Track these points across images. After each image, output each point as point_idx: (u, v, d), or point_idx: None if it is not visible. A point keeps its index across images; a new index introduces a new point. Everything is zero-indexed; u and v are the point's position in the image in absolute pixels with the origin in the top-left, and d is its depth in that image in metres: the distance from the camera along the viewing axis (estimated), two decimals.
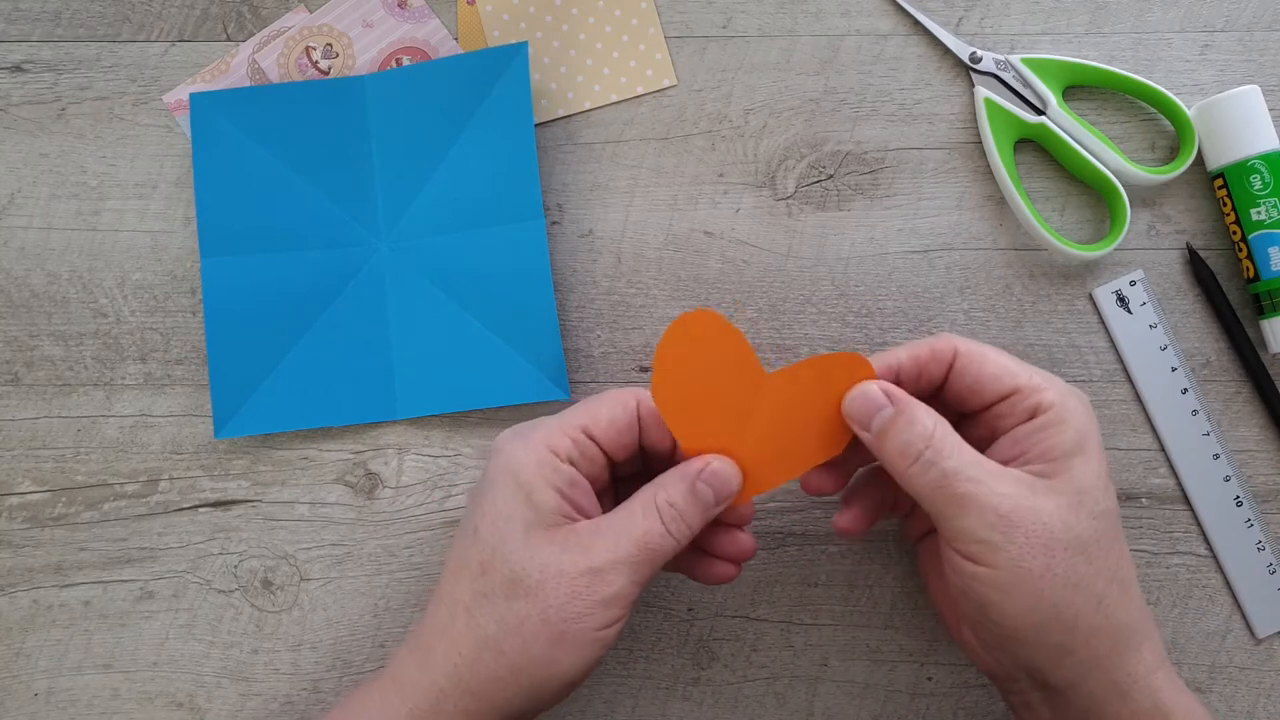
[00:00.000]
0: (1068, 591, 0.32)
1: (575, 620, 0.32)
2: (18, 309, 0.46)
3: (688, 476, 0.34)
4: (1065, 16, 0.47)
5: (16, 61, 0.48)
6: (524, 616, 0.33)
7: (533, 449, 0.34)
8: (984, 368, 0.35)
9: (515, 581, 0.33)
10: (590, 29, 0.48)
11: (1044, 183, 0.46)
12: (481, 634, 0.33)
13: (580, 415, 0.35)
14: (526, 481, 0.34)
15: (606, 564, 0.33)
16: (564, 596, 0.32)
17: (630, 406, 0.36)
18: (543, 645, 0.33)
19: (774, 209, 0.46)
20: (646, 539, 0.33)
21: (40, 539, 0.45)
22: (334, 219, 0.46)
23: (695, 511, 0.34)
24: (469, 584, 0.34)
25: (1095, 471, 0.33)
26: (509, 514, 0.34)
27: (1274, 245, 0.43)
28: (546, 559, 0.33)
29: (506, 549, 0.33)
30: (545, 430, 0.35)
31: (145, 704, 0.44)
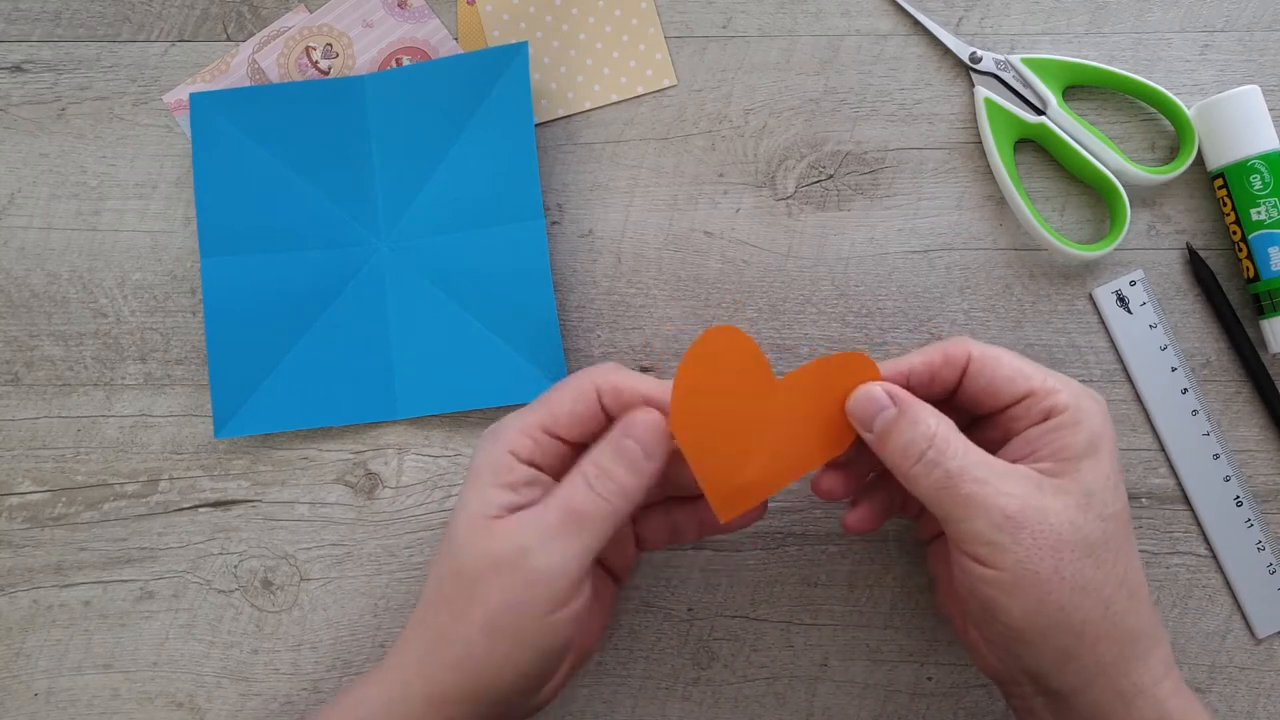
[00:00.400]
0: (1075, 595, 0.31)
1: (508, 610, 0.32)
2: (18, 309, 0.46)
3: (611, 436, 0.34)
4: (1065, 16, 0.47)
5: (16, 61, 0.48)
6: (465, 609, 0.33)
7: (494, 451, 0.34)
8: (998, 370, 0.34)
9: (458, 574, 0.33)
10: (590, 29, 0.48)
11: (1044, 183, 0.46)
12: (437, 626, 0.34)
13: (540, 413, 0.35)
14: (484, 482, 0.34)
15: (534, 538, 0.32)
16: (496, 587, 0.32)
17: (590, 397, 0.35)
18: (482, 640, 0.32)
19: (774, 209, 0.46)
20: (569, 503, 0.33)
21: (40, 539, 0.45)
22: (334, 219, 0.46)
23: (622, 468, 0.34)
24: (434, 578, 0.35)
25: (1106, 473, 0.33)
26: (465, 510, 0.34)
27: (1274, 245, 0.43)
28: (485, 549, 0.33)
29: (457, 543, 0.34)
30: (506, 431, 0.35)
31: (145, 704, 0.44)
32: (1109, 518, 0.32)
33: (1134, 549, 0.34)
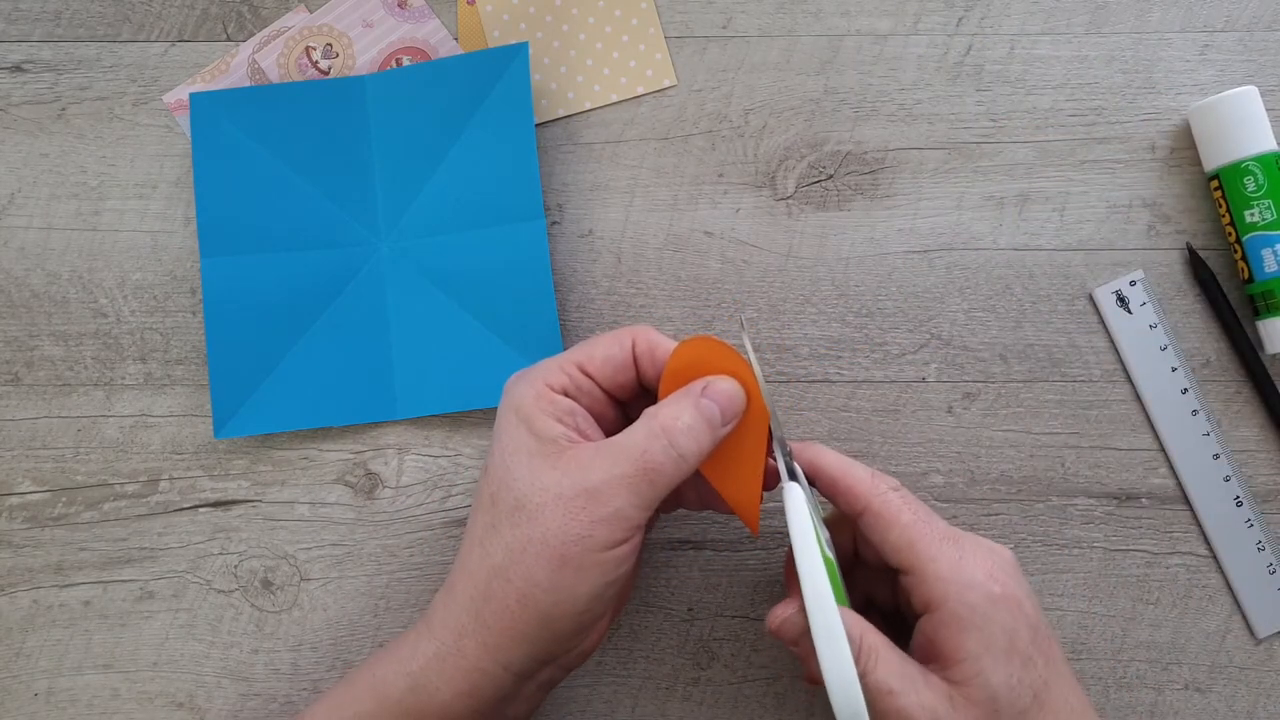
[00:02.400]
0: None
1: (575, 542, 0.32)
2: (18, 309, 0.46)
3: (691, 393, 0.34)
4: (1065, 16, 0.47)
5: (16, 61, 0.48)
6: (526, 541, 0.32)
7: (530, 384, 0.35)
8: (886, 535, 0.34)
9: (518, 508, 0.33)
10: (590, 29, 0.48)
11: (1044, 183, 0.46)
12: (491, 563, 0.33)
13: (577, 353, 0.36)
14: (526, 415, 0.34)
15: (602, 483, 0.32)
16: (561, 518, 0.32)
17: (626, 345, 0.36)
18: (545, 569, 0.32)
19: (774, 209, 0.46)
20: (646, 456, 0.33)
21: (40, 539, 0.45)
22: (334, 219, 0.46)
23: (702, 425, 0.33)
24: (482, 517, 0.34)
25: (1005, 674, 0.32)
26: (514, 446, 0.34)
27: (1267, 247, 0.43)
28: (546, 482, 0.33)
29: (510, 477, 0.33)
30: (543, 368, 0.35)
31: (145, 704, 0.44)
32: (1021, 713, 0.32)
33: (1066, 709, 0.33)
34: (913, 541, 0.34)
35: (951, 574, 0.33)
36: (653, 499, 0.33)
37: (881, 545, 0.34)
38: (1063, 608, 0.44)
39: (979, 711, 0.32)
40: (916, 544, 0.34)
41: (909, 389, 0.46)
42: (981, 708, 0.32)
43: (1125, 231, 0.46)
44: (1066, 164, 0.46)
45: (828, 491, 0.36)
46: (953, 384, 0.46)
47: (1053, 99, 0.47)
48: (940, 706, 0.32)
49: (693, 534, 0.45)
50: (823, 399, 0.45)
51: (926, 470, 0.45)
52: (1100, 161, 0.46)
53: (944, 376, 0.46)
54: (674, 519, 0.45)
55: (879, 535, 0.34)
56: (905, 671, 0.32)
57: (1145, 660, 0.44)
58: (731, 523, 0.45)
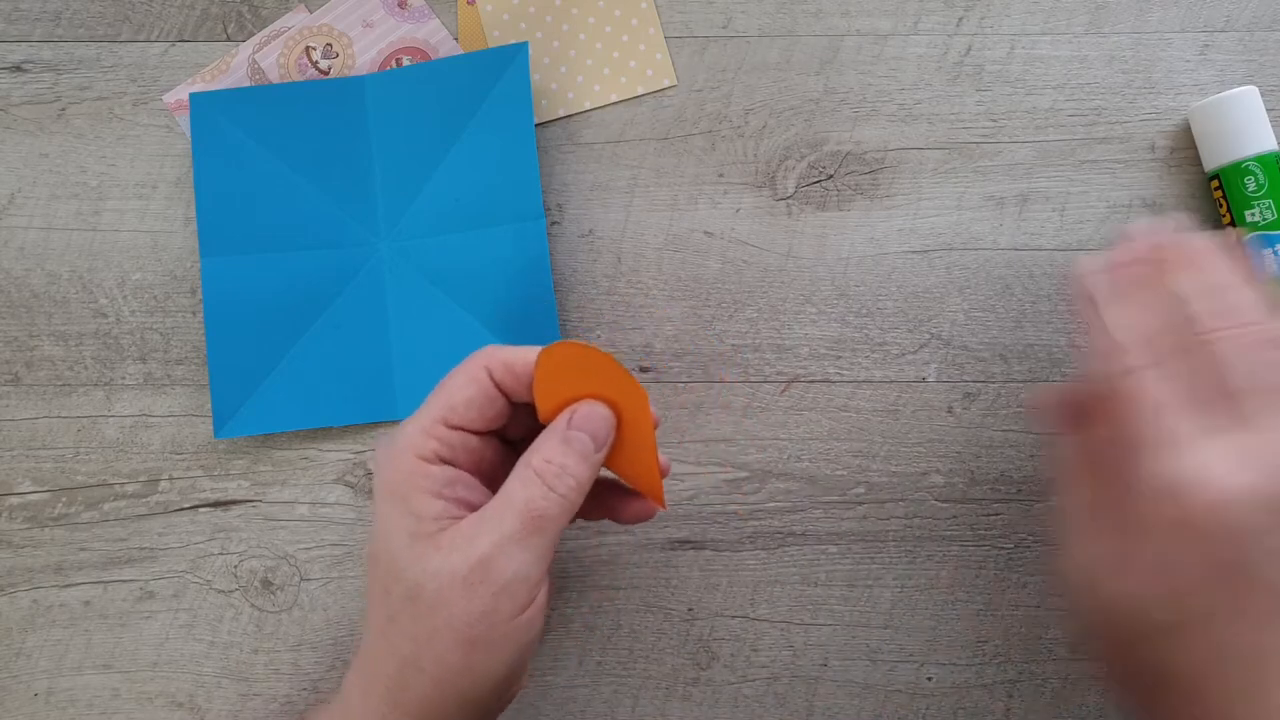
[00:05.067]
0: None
1: (480, 619, 0.31)
2: (18, 309, 0.46)
3: (557, 429, 0.33)
4: (1065, 16, 0.47)
5: (16, 61, 0.48)
6: (431, 631, 0.31)
7: (401, 460, 0.33)
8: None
9: (413, 598, 0.32)
10: (590, 29, 0.48)
11: (1046, 182, 0.46)
12: (400, 655, 0.32)
13: (435, 408, 0.34)
14: (403, 495, 0.32)
15: (493, 548, 0.31)
16: (461, 599, 0.31)
17: (481, 378, 0.34)
18: (457, 654, 0.31)
19: (774, 209, 0.46)
20: (529, 507, 0.32)
21: (40, 539, 0.45)
22: (334, 219, 0.46)
23: (575, 460, 0.33)
24: (380, 608, 0.33)
25: None
26: (394, 530, 0.32)
27: (1268, 247, 0.43)
28: (437, 566, 0.31)
29: (398, 566, 0.32)
30: (408, 438, 0.33)
31: (145, 704, 0.44)
32: None
33: None
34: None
35: None
36: (547, 548, 0.32)
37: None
38: (1063, 608, 0.44)
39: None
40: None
41: (909, 389, 0.46)
42: None
43: None
44: (1066, 164, 0.46)
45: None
46: (953, 384, 0.46)
47: (1053, 99, 0.47)
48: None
49: (693, 534, 0.45)
50: (823, 399, 0.45)
51: (926, 470, 0.45)
52: (1100, 161, 0.46)
53: (944, 376, 0.46)
54: (674, 519, 0.45)
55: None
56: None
57: None
58: (731, 523, 0.45)
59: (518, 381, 0.34)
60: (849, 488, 0.45)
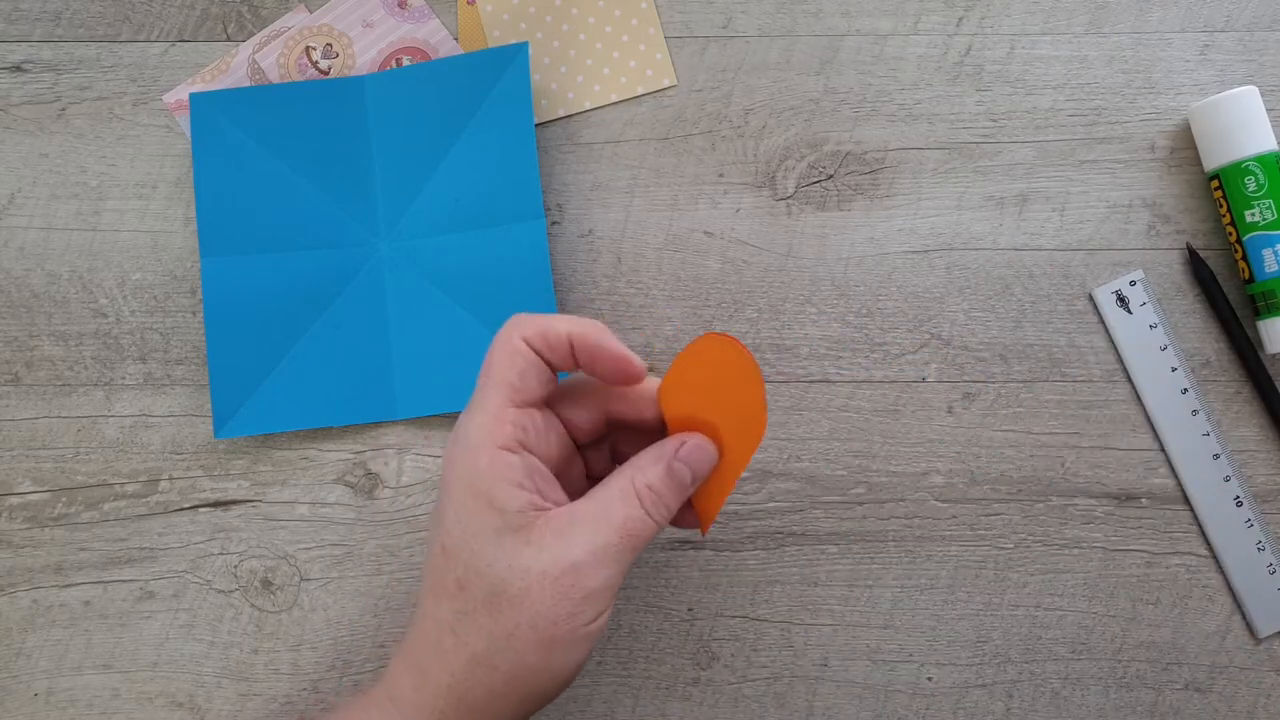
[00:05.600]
0: None
1: (564, 621, 0.31)
2: (18, 309, 0.46)
3: (664, 457, 0.33)
4: (1065, 16, 0.47)
5: (16, 61, 0.48)
6: (512, 628, 0.32)
7: (481, 451, 0.32)
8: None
9: (496, 594, 0.32)
10: (590, 29, 0.48)
11: (1046, 183, 0.46)
12: (471, 651, 0.32)
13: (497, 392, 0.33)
14: (485, 488, 0.32)
15: (588, 557, 0.32)
16: (549, 600, 0.31)
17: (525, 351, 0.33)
18: (536, 653, 0.32)
19: (774, 209, 0.46)
20: (627, 526, 0.32)
21: (40, 539, 0.45)
22: (334, 219, 0.46)
23: (673, 492, 0.33)
24: (449, 604, 0.32)
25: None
26: (476, 527, 0.32)
27: (1268, 247, 0.43)
28: (526, 563, 0.31)
29: (481, 562, 0.32)
30: (481, 427, 0.32)
31: (145, 704, 0.44)
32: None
33: None
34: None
35: None
36: (631, 562, 0.33)
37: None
38: (1063, 608, 0.44)
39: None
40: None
41: (909, 389, 0.46)
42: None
43: (1125, 231, 0.46)
44: (1066, 164, 0.46)
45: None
46: (953, 384, 0.46)
47: (1053, 99, 0.47)
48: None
49: (693, 534, 0.45)
50: (823, 399, 0.45)
51: (926, 470, 0.45)
52: (1100, 161, 0.46)
53: (944, 376, 0.46)
54: None
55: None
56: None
57: (1145, 660, 0.44)
58: (731, 523, 0.45)
59: (552, 351, 0.33)
60: (849, 488, 0.45)
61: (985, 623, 0.44)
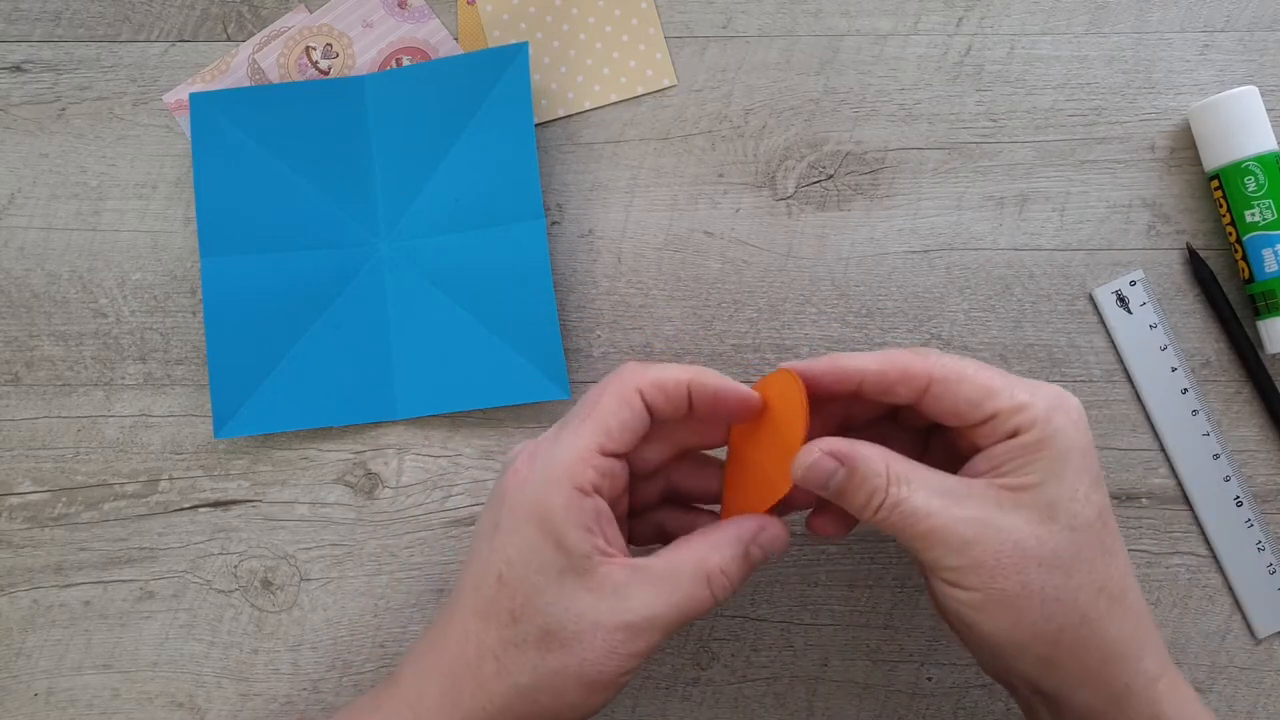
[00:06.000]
0: (1047, 606, 0.31)
1: (610, 671, 0.32)
2: (18, 309, 0.46)
3: (742, 540, 0.33)
4: (1065, 16, 0.47)
5: (16, 61, 0.48)
6: (559, 668, 0.32)
7: (558, 488, 0.32)
8: (960, 392, 0.33)
9: (550, 633, 0.32)
10: (590, 29, 0.48)
11: (1045, 183, 0.46)
12: (513, 683, 0.32)
13: (591, 434, 0.33)
14: (556, 527, 0.32)
15: (644, 621, 0.32)
16: (601, 650, 0.32)
17: (636, 403, 0.33)
18: (577, 693, 0.32)
19: (774, 209, 0.46)
20: (688, 604, 0.32)
21: (40, 539, 0.45)
22: (334, 219, 0.46)
23: (742, 575, 0.33)
24: (497, 631, 0.32)
25: (1072, 486, 0.32)
26: (539, 562, 0.32)
27: (1268, 247, 0.43)
28: (583, 608, 0.32)
29: (540, 599, 0.32)
30: (565, 463, 0.32)
31: (145, 704, 0.44)
32: (1079, 528, 0.32)
33: (1117, 555, 0.33)
34: (988, 387, 0.33)
35: (1034, 399, 0.32)
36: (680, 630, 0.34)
37: (956, 403, 0.33)
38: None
39: (1033, 514, 0.31)
40: (993, 384, 0.33)
41: None
42: (1035, 511, 0.31)
43: (1125, 231, 0.46)
44: (1066, 164, 0.46)
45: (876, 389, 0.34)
46: None
47: (1053, 99, 0.47)
48: (986, 514, 0.31)
49: None
50: None
51: None
52: (1100, 161, 0.46)
53: None
54: None
55: (952, 394, 0.33)
56: (942, 489, 0.32)
57: None
58: None
59: (668, 402, 0.34)
60: None
61: None
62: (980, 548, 0.31)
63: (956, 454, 0.35)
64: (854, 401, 0.35)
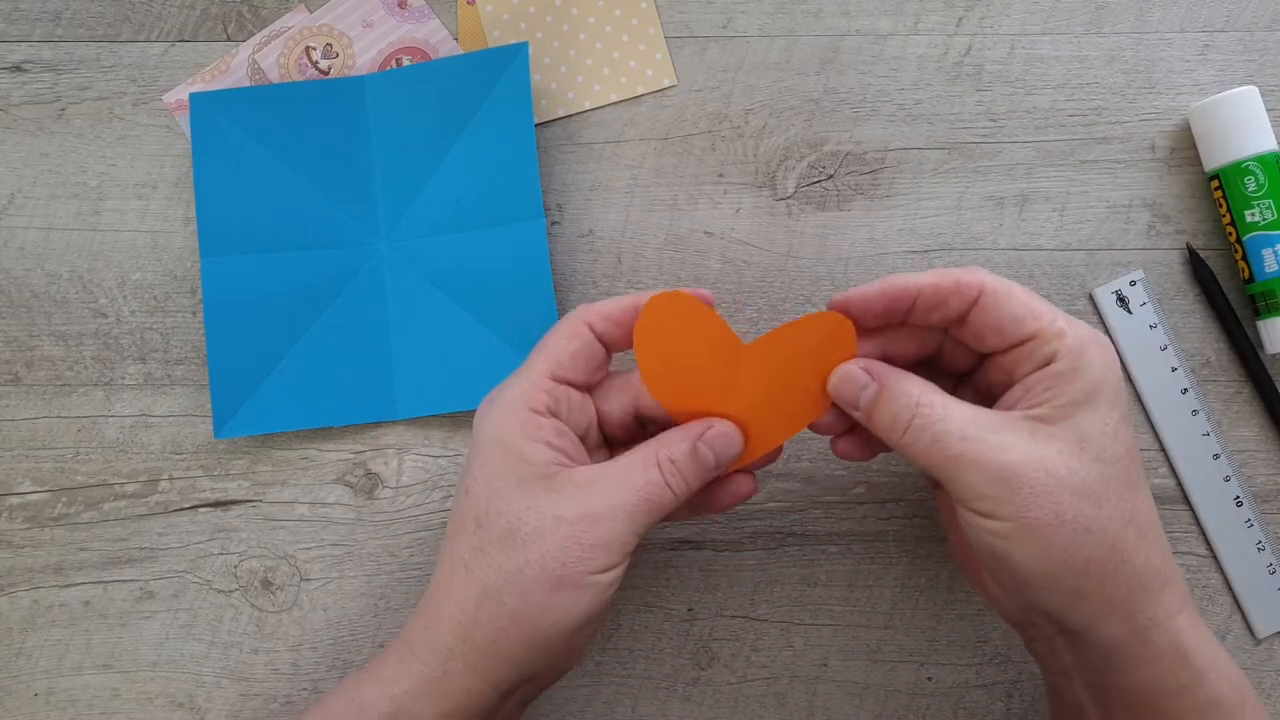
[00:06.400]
0: (1078, 536, 0.31)
1: (574, 564, 0.32)
2: (18, 309, 0.46)
3: (690, 436, 0.35)
4: (1065, 16, 0.47)
5: (16, 61, 0.48)
6: (522, 564, 0.33)
7: (512, 412, 0.34)
8: (1009, 307, 0.34)
9: (511, 531, 0.33)
10: (590, 29, 0.48)
11: (1045, 183, 0.46)
12: (481, 585, 0.33)
13: (543, 364, 0.35)
14: (514, 444, 0.34)
15: (605, 509, 0.33)
16: (561, 541, 0.32)
17: (585, 334, 0.35)
18: (542, 590, 0.33)
19: (774, 209, 0.46)
20: (646, 489, 0.33)
21: (40, 539, 0.45)
22: (334, 219, 0.46)
23: (695, 471, 0.34)
24: (465, 541, 0.34)
25: (1103, 420, 0.32)
26: (502, 471, 0.33)
27: (1268, 247, 0.43)
28: (543, 506, 0.33)
29: (501, 502, 0.33)
30: (520, 391, 0.35)
31: (145, 704, 0.44)
32: (1108, 460, 0.32)
33: (1143, 491, 0.33)
34: (1033, 308, 0.33)
35: (1073, 331, 0.33)
36: (646, 527, 0.34)
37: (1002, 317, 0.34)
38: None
39: (1065, 445, 0.32)
40: (1037, 307, 0.33)
41: None
42: (1067, 442, 0.32)
43: (1125, 231, 0.46)
44: (1066, 164, 0.46)
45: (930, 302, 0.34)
46: None
47: (1053, 99, 0.47)
48: (1020, 442, 0.32)
49: (693, 534, 0.45)
50: None
51: None
52: (1100, 161, 0.46)
53: None
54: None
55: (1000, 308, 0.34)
56: (974, 417, 0.32)
57: None
58: (731, 523, 0.45)
59: (619, 328, 0.36)
60: (849, 488, 0.45)
61: (985, 623, 0.44)
62: (1014, 473, 0.31)
63: (987, 398, 0.36)
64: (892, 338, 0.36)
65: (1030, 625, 0.36)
